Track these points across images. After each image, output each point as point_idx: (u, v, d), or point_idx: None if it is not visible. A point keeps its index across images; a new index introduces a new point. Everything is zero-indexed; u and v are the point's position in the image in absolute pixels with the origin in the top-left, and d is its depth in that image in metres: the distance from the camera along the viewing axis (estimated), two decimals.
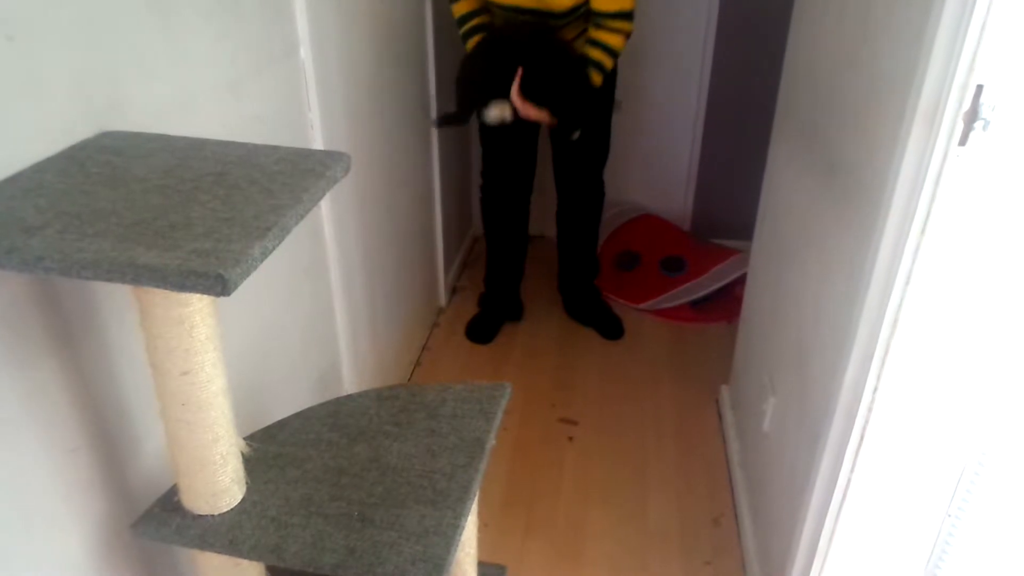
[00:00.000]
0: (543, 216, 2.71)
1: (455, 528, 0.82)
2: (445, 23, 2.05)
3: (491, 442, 0.96)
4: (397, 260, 2.14)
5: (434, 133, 2.39)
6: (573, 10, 1.95)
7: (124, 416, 0.91)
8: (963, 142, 0.86)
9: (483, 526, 1.80)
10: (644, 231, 2.96)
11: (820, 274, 1.31)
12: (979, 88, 0.83)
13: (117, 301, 0.88)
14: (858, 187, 1.12)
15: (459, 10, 2.07)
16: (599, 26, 1.97)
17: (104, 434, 0.88)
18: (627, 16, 1.94)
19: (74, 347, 0.82)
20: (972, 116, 0.84)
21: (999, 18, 0.79)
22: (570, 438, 2.11)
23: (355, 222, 1.74)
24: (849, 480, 1.14)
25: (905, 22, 0.97)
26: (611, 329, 2.58)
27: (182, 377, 0.75)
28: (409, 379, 2.34)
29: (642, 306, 2.70)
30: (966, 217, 0.90)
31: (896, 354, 1.01)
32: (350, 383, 1.77)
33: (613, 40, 1.98)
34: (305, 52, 1.37)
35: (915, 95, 0.89)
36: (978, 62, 0.82)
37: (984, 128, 0.84)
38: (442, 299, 2.72)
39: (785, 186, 1.66)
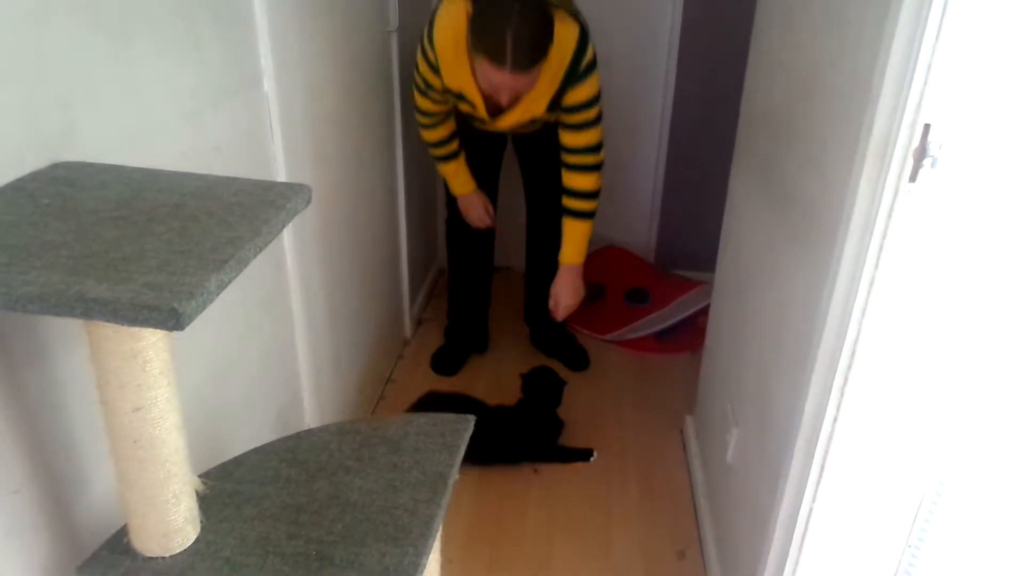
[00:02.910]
0: (508, 247, 2.71)
1: (416, 566, 0.81)
2: (410, 59, 2.07)
3: (454, 476, 0.95)
4: (362, 291, 2.13)
5: (400, 165, 2.39)
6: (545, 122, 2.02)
7: (71, 454, 0.88)
8: (913, 178, 0.88)
9: (447, 563, 1.77)
10: (609, 263, 2.98)
11: (779, 305, 1.33)
12: (927, 127, 0.86)
13: (66, 334, 0.85)
14: (814, 221, 1.15)
15: (429, 137, 2.13)
16: (569, 167, 2.05)
17: (50, 473, 0.84)
18: (595, 150, 2.03)
19: (19, 382, 0.79)
20: (921, 154, 0.87)
21: (943, 60, 0.82)
22: (535, 470, 2.10)
23: (319, 253, 1.73)
24: (811, 511, 1.14)
25: (855, 62, 1.00)
26: (576, 360, 2.58)
27: (134, 413, 0.72)
28: (373, 412, 2.30)
29: (607, 337, 2.71)
30: (919, 251, 0.93)
31: (854, 385, 1.03)
32: (311, 417, 1.74)
33: (587, 183, 2.07)
34: (268, 84, 1.37)
35: (866, 133, 0.92)
36: (925, 102, 0.85)
37: (932, 165, 0.87)
38: (407, 331, 2.69)
39: (745, 219, 1.69)
